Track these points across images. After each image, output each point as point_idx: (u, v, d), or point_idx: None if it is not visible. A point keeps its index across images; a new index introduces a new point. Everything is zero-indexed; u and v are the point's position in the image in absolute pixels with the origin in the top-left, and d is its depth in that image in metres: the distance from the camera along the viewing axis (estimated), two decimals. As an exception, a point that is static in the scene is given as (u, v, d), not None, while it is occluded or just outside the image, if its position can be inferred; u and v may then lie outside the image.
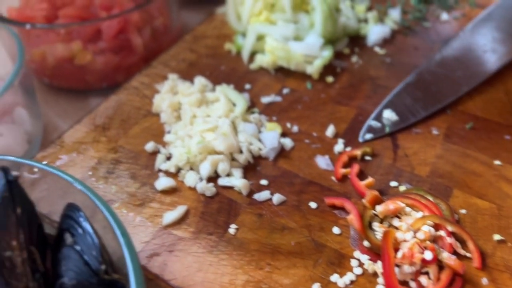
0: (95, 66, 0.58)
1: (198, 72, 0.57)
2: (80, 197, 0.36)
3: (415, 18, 0.64)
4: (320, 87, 0.54)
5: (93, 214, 0.35)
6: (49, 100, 0.63)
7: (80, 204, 0.36)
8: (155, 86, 0.54)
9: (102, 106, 0.52)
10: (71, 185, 0.36)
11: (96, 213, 0.35)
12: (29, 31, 0.56)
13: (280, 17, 0.57)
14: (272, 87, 0.54)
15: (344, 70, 0.57)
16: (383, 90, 0.53)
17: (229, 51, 0.60)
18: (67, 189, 0.38)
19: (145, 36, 0.61)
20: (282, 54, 0.54)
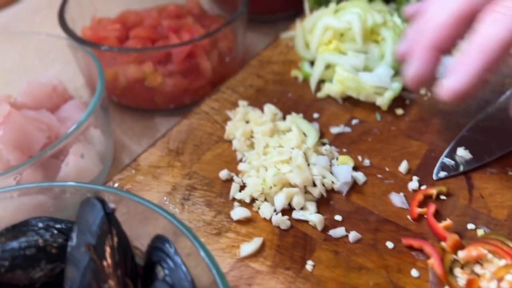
0: (165, 88, 0.60)
1: (266, 99, 0.57)
2: (161, 223, 0.38)
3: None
4: (389, 119, 0.54)
5: (174, 241, 0.36)
6: (116, 117, 0.65)
7: (161, 231, 0.37)
8: (226, 112, 0.55)
9: (174, 130, 0.54)
10: (153, 211, 0.38)
11: (178, 240, 0.36)
12: (103, 52, 0.58)
13: (350, 47, 0.57)
14: (340, 117, 0.55)
15: (413, 102, 0.56)
16: (455, 125, 0.53)
17: (295, 77, 0.61)
18: (148, 214, 0.39)
19: (213, 60, 0.62)
20: (352, 84, 0.54)
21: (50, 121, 0.53)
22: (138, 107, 0.63)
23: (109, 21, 0.65)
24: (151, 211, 0.38)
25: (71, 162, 0.48)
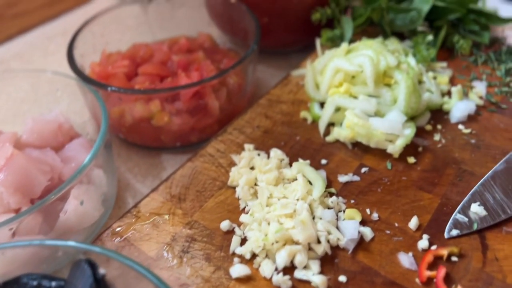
0: (171, 127, 0.59)
1: (273, 141, 0.56)
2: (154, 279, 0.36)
3: (503, 93, 0.60)
4: (400, 168, 0.52)
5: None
6: (122, 154, 0.64)
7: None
8: (231, 156, 0.53)
9: (178, 174, 0.52)
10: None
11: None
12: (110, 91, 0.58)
13: (361, 90, 0.55)
14: (349, 164, 0.53)
15: (426, 149, 0.54)
16: (469, 177, 0.50)
17: (304, 119, 0.59)
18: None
19: (221, 98, 0.61)
20: (362, 131, 0.52)
21: (53, 162, 0.53)
22: (145, 144, 0.63)
23: (119, 56, 0.65)
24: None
25: (70, 209, 0.47)
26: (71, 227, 0.49)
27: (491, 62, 0.65)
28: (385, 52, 0.57)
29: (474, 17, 0.67)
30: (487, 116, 0.58)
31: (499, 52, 0.66)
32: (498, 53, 0.66)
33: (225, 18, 0.73)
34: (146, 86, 0.61)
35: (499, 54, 0.66)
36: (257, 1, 0.69)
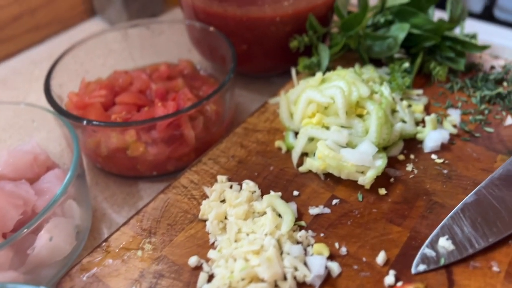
0: (147, 157, 0.59)
1: (247, 172, 0.56)
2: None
3: (477, 121, 0.61)
4: (371, 199, 0.52)
5: None
6: (100, 182, 0.64)
7: None
8: (204, 188, 0.54)
9: (149, 207, 0.53)
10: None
11: None
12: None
13: (334, 121, 0.56)
14: (321, 196, 0.53)
15: (398, 180, 0.54)
16: (440, 209, 0.50)
17: (279, 148, 0.59)
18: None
19: (197, 127, 0.61)
20: (333, 163, 0.52)
21: (27, 195, 0.53)
22: (121, 174, 0.63)
23: (97, 86, 0.66)
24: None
25: (40, 244, 0.48)
26: (42, 261, 0.50)
27: (467, 89, 0.66)
28: (358, 82, 0.58)
29: (450, 44, 0.67)
30: (460, 145, 0.58)
31: (475, 79, 0.67)
32: (474, 80, 0.67)
33: (205, 45, 0.74)
34: (122, 116, 0.61)
35: (475, 80, 0.67)
36: (235, 29, 0.69)
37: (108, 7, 0.96)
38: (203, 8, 0.70)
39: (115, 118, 0.61)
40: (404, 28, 0.66)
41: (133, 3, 0.95)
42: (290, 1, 0.67)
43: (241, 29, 0.69)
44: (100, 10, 0.99)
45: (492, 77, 0.67)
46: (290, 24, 0.69)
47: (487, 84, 0.65)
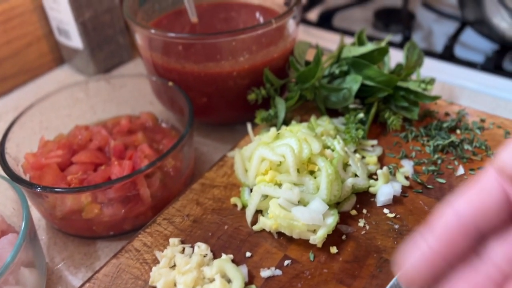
0: (102, 218, 0.59)
1: (201, 232, 0.56)
2: None
3: (429, 172, 0.62)
4: (323, 259, 0.52)
5: None
6: (58, 242, 0.64)
7: None
8: (155, 252, 0.54)
9: (101, 273, 0.52)
10: None
11: None
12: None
13: (286, 179, 0.56)
14: (273, 256, 0.53)
15: (349, 237, 0.55)
16: (389, 267, 0.51)
17: (235, 205, 0.60)
18: None
19: (154, 185, 0.61)
20: (284, 223, 0.53)
21: (-23, 264, 0.53)
22: (78, 235, 0.63)
23: (55, 145, 0.66)
24: None
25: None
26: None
27: (421, 137, 0.67)
28: (310, 138, 0.58)
29: (404, 94, 0.69)
30: (413, 197, 0.59)
31: (429, 127, 0.68)
32: (428, 128, 0.68)
33: (166, 98, 0.75)
34: (78, 176, 0.61)
35: (429, 129, 0.68)
36: (194, 84, 0.70)
37: (75, 56, 0.97)
38: (161, 64, 0.71)
39: (71, 179, 0.61)
40: (357, 79, 0.67)
41: (100, 52, 0.96)
42: (246, 57, 0.69)
43: (200, 84, 0.70)
44: (68, 59, 1.00)
45: (446, 125, 0.68)
46: (248, 78, 0.71)
47: (441, 132, 0.67)
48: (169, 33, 0.66)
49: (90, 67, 0.97)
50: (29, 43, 0.96)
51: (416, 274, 0.34)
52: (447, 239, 0.33)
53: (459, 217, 0.33)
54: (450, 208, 0.34)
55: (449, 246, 0.33)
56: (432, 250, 0.34)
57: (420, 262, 0.34)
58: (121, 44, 0.99)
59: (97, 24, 0.93)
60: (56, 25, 0.93)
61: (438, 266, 0.34)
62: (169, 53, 0.69)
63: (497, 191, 0.33)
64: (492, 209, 0.33)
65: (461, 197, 0.34)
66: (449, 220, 0.34)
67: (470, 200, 0.34)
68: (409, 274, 0.35)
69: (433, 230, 0.34)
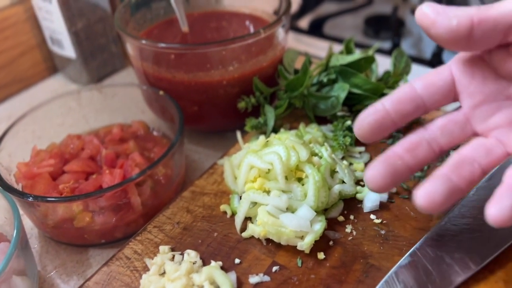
0: (94, 226, 0.60)
1: (191, 239, 0.57)
2: None
3: (416, 178, 0.63)
4: (310, 264, 0.53)
5: None
6: (50, 250, 0.65)
7: None
8: (145, 260, 0.54)
9: (92, 281, 0.53)
10: None
11: None
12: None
13: (274, 186, 0.57)
14: (262, 263, 0.54)
15: (337, 243, 0.56)
16: (376, 273, 0.52)
17: (224, 212, 0.61)
18: None
19: (145, 193, 0.62)
20: (272, 230, 0.54)
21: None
22: (70, 243, 0.63)
23: (47, 154, 0.67)
24: None
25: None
26: None
27: (408, 144, 0.68)
28: (298, 146, 0.60)
29: (390, 101, 0.70)
30: (399, 203, 0.60)
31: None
32: (414, 135, 0.69)
33: (157, 107, 0.76)
34: (70, 185, 0.62)
35: (416, 135, 0.69)
36: (184, 93, 0.72)
37: (68, 65, 0.98)
38: (152, 74, 0.72)
39: (63, 187, 0.62)
40: (344, 88, 0.68)
41: (93, 60, 0.97)
42: (235, 66, 0.70)
43: (190, 93, 0.72)
44: (61, 68, 1.01)
45: (432, 131, 0.69)
46: (238, 86, 0.72)
47: (427, 139, 0.68)
48: (160, 44, 0.67)
49: (83, 76, 0.98)
50: (22, 53, 0.97)
51: (367, 125, 0.44)
52: (396, 100, 0.44)
53: (411, 87, 0.44)
54: (408, 83, 0.45)
55: (396, 105, 0.44)
56: (382, 106, 0.44)
57: (370, 112, 0.44)
58: (114, 53, 1.00)
59: (90, 33, 0.94)
60: (49, 34, 0.94)
61: (382, 118, 0.44)
62: (160, 63, 0.70)
63: (446, 72, 0.44)
64: (438, 84, 0.44)
65: (419, 77, 0.45)
66: (403, 88, 0.45)
67: (424, 77, 0.45)
68: (361, 124, 0.45)
69: (389, 95, 0.45)
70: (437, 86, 0.44)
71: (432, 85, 0.44)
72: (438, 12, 0.39)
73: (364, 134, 0.45)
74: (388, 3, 1.31)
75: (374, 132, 0.44)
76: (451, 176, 0.41)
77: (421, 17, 0.39)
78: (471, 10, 0.38)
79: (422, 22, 0.39)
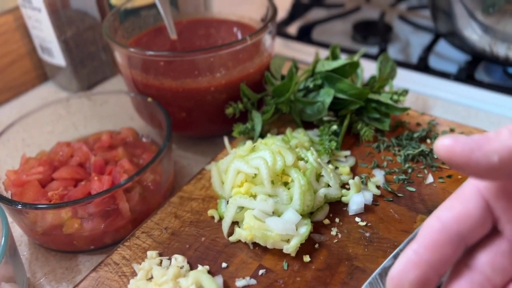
0: (83, 233, 0.61)
1: (179, 244, 0.58)
2: None
3: (400, 181, 0.64)
4: (296, 267, 0.54)
5: None
6: (40, 257, 0.65)
7: None
8: (133, 265, 0.55)
9: (80, 287, 0.53)
10: None
11: None
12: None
13: (260, 190, 0.58)
14: (248, 266, 0.55)
15: (322, 245, 0.56)
16: (360, 274, 0.53)
17: (212, 217, 0.61)
18: None
19: (133, 199, 0.63)
20: (258, 234, 0.54)
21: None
22: (60, 249, 0.64)
23: (36, 162, 0.67)
24: None
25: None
26: None
27: (393, 147, 0.69)
28: (284, 151, 0.61)
29: (375, 106, 0.71)
30: (383, 206, 0.61)
31: (400, 137, 0.71)
32: (399, 138, 0.71)
33: (146, 114, 0.76)
34: (59, 192, 0.63)
35: (401, 139, 0.70)
36: (172, 100, 0.72)
37: (58, 73, 0.98)
38: (141, 81, 0.73)
39: (52, 195, 0.62)
40: (330, 93, 0.70)
41: (83, 68, 0.98)
42: (223, 72, 0.71)
43: (178, 99, 0.72)
44: (51, 76, 1.02)
45: (417, 135, 0.71)
46: (225, 93, 0.73)
47: (412, 142, 0.69)
48: (147, 51, 0.68)
49: (74, 84, 0.98)
50: (13, 61, 0.97)
51: (405, 280, 0.35)
52: (432, 245, 0.34)
53: (442, 224, 0.34)
54: (434, 217, 0.35)
55: (435, 253, 0.34)
56: (419, 256, 0.34)
57: (408, 268, 0.35)
58: (104, 60, 1.01)
59: (80, 41, 0.95)
60: (39, 43, 0.95)
61: (425, 273, 0.34)
62: (148, 70, 0.71)
63: (477, 198, 0.35)
64: (474, 215, 0.34)
65: (443, 206, 0.36)
66: (433, 227, 0.35)
67: (451, 207, 0.35)
68: (397, 280, 0.36)
69: (419, 239, 0.35)
70: (470, 215, 0.34)
71: (463, 215, 0.34)
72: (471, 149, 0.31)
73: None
74: (376, 8, 1.32)
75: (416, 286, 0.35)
76: None
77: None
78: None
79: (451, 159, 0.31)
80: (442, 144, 0.32)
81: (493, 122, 0.84)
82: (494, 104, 0.88)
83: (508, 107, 0.87)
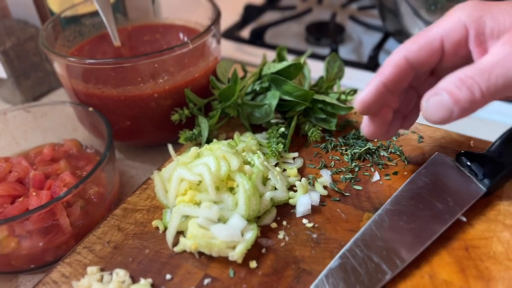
0: (20, 252, 0.58)
1: (122, 257, 0.56)
2: None
3: (347, 180, 0.64)
4: (242, 274, 0.53)
5: None
6: (-21, 280, 0.62)
7: None
8: (73, 283, 0.53)
9: (15, 309, 0.51)
10: None
11: None
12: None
13: (205, 197, 0.57)
14: (194, 276, 0.53)
15: (269, 250, 0.55)
16: (307, 277, 0.52)
17: (157, 227, 0.59)
18: None
19: (74, 214, 0.60)
20: (202, 242, 0.53)
21: None
22: (-3, 271, 0.61)
23: (-29, 180, 0.64)
24: None
25: None
26: None
27: (340, 147, 0.69)
28: (229, 156, 0.59)
29: (322, 106, 0.71)
30: (330, 206, 0.61)
31: (347, 136, 0.71)
32: (346, 138, 0.71)
33: (88, 124, 0.74)
34: (-6, 210, 0.60)
35: (348, 138, 0.70)
36: (114, 108, 0.70)
37: (1, 85, 0.94)
38: (81, 90, 0.71)
39: (-14, 214, 0.59)
40: (275, 95, 0.69)
41: (26, 80, 0.94)
42: (166, 78, 0.69)
43: (120, 107, 0.70)
44: (-6, 89, 0.97)
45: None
46: (170, 98, 0.71)
47: (358, 141, 0.69)
48: (87, 60, 0.66)
49: (17, 96, 0.94)
50: (-50, 75, 0.93)
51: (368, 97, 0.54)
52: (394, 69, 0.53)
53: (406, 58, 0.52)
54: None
55: (392, 76, 0.53)
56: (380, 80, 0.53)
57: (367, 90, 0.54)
58: (49, 71, 0.98)
59: (21, 52, 0.91)
60: (-22, 55, 0.91)
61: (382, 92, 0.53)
62: (87, 79, 0.69)
63: (438, 42, 0.51)
64: (430, 50, 0.51)
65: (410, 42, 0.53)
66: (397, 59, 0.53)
67: (416, 42, 0.52)
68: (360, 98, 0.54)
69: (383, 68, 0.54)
70: (427, 50, 0.52)
71: (423, 50, 0.52)
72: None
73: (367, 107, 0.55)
74: (328, 10, 1.34)
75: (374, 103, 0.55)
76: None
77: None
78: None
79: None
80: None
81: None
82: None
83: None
